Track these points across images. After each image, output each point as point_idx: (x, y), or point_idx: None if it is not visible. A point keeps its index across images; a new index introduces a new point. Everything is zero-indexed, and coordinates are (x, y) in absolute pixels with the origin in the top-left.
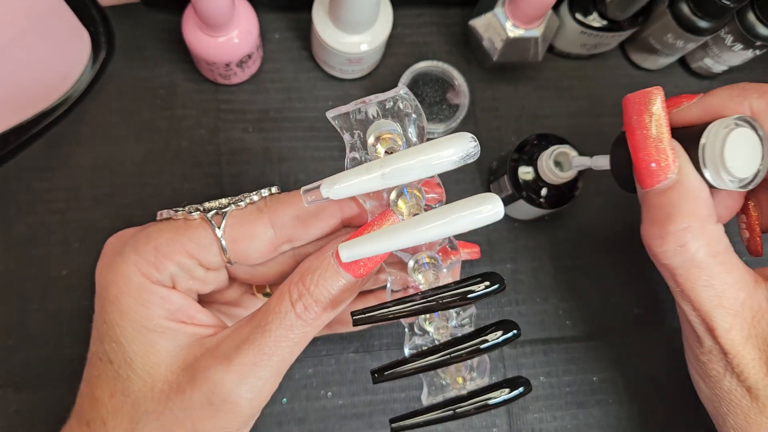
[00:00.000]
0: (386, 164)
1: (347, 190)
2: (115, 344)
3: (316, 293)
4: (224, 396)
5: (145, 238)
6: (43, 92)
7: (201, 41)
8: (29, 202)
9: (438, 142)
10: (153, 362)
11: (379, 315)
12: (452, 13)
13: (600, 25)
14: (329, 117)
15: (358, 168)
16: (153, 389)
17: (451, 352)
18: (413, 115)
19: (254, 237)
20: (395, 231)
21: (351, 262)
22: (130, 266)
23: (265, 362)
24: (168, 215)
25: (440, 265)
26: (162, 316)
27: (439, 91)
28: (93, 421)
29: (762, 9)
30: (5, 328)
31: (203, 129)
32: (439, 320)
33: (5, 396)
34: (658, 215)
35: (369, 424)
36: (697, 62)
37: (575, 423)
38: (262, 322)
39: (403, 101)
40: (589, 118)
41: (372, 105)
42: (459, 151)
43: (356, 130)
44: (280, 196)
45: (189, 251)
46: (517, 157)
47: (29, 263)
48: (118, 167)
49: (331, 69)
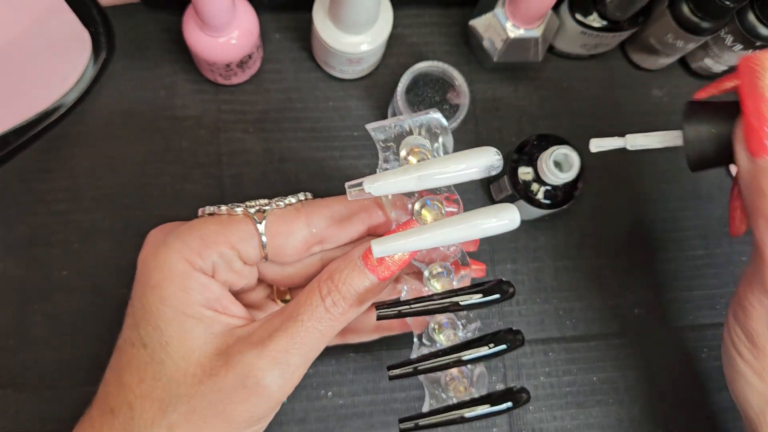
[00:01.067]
0: (422, 168)
1: (387, 188)
2: (151, 328)
3: (343, 290)
4: (257, 379)
5: (189, 229)
6: (43, 93)
7: (201, 41)
8: (30, 202)
9: (467, 153)
10: (188, 347)
11: (401, 310)
12: (452, 13)
13: (600, 25)
14: (369, 129)
15: (397, 170)
16: (186, 373)
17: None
18: (440, 135)
19: (292, 234)
20: (422, 231)
21: (375, 265)
22: (175, 254)
23: (297, 350)
24: (211, 211)
25: (452, 274)
26: (200, 303)
27: (439, 92)
28: (118, 407)
29: (762, 9)
30: (6, 329)
31: (204, 129)
32: (449, 330)
33: (5, 396)
34: None
35: (369, 424)
36: (698, 62)
37: (575, 423)
38: (294, 313)
39: (434, 121)
40: (589, 119)
41: (407, 122)
42: (486, 162)
43: (390, 143)
44: (315, 199)
45: (231, 242)
46: (517, 157)
47: (30, 264)
48: (119, 168)
49: (332, 69)
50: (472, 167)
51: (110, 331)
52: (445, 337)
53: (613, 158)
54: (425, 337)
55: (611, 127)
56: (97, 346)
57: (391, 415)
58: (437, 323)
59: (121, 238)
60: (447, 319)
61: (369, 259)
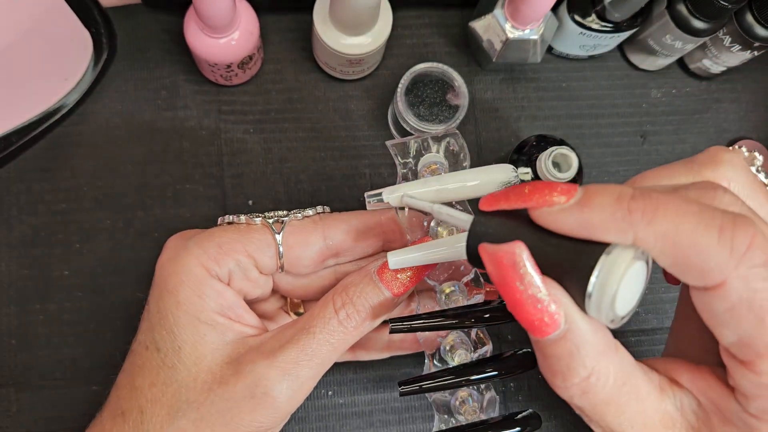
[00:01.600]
0: (440, 181)
1: (405, 199)
2: (165, 332)
3: (358, 304)
4: (266, 389)
5: (209, 236)
6: (44, 93)
7: (202, 42)
8: (31, 202)
9: (484, 169)
10: (200, 353)
11: (414, 325)
12: (452, 14)
13: (599, 26)
14: (388, 146)
15: (416, 182)
16: (196, 379)
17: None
18: (460, 153)
19: (308, 245)
20: (436, 244)
21: (390, 280)
22: (192, 259)
23: (307, 362)
24: (230, 219)
25: (465, 294)
26: (214, 310)
27: (438, 92)
28: (129, 411)
29: (760, 10)
30: (7, 329)
31: (204, 130)
32: (462, 351)
33: (6, 396)
34: (557, 366)
35: (369, 423)
36: (696, 63)
37: (575, 423)
38: (306, 325)
39: (453, 139)
40: (588, 119)
41: (426, 139)
42: (503, 178)
43: (410, 159)
44: (333, 213)
45: (249, 251)
46: (516, 157)
47: (30, 264)
48: (120, 168)
49: (332, 70)
50: (488, 182)
51: (110, 331)
52: (457, 358)
53: (611, 159)
54: (437, 359)
55: (610, 128)
56: (97, 346)
57: (391, 415)
58: (449, 344)
59: (122, 238)
60: (460, 340)
61: (384, 274)
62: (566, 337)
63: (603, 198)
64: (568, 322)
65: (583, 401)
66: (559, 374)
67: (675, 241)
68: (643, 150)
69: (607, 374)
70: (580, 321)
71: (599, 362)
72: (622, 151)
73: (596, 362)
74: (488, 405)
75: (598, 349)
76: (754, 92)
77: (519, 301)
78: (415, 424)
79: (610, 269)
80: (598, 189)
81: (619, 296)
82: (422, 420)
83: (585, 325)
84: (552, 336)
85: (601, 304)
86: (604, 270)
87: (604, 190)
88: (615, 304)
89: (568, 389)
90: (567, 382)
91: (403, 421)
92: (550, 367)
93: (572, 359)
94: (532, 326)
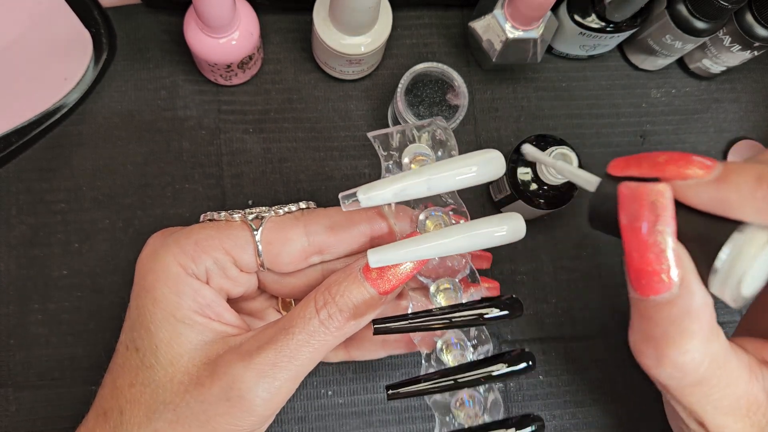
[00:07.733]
0: (413, 176)
1: (382, 197)
2: (143, 331)
3: (341, 303)
4: (241, 392)
5: (187, 233)
6: (44, 93)
7: (202, 42)
8: (30, 202)
9: (464, 157)
10: (177, 352)
11: (398, 326)
12: (452, 14)
13: (598, 26)
14: (370, 137)
15: (389, 178)
16: (173, 380)
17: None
18: (447, 142)
19: (288, 241)
20: (420, 240)
21: (376, 278)
22: (170, 257)
23: (285, 364)
24: (211, 217)
25: (460, 291)
26: (192, 308)
27: (438, 92)
28: (110, 411)
29: (760, 10)
30: (6, 328)
31: (204, 130)
32: (457, 351)
33: (6, 396)
34: (654, 331)
35: (368, 423)
36: (696, 63)
37: (574, 422)
38: (286, 325)
39: (439, 128)
40: (587, 119)
41: (410, 129)
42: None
43: (393, 151)
44: (315, 209)
45: (226, 248)
46: (516, 157)
47: (30, 263)
48: (119, 168)
49: (332, 70)
50: (472, 172)
51: (110, 331)
52: (453, 358)
53: (611, 159)
54: (434, 358)
55: (610, 128)
56: (97, 346)
57: (390, 414)
58: (445, 343)
59: (122, 238)
60: (455, 339)
61: (370, 271)
62: (675, 303)
63: (743, 177)
64: (685, 287)
65: (673, 381)
66: (653, 341)
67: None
68: (643, 150)
69: (704, 355)
70: (698, 291)
71: (702, 344)
72: (622, 150)
73: (699, 343)
74: (492, 407)
75: (703, 329)
76: (754, 92)
77: (643, 244)
78: (415, 424)
79: (742, 248)
80: (737, 167)
81: (748, 276)
82: (422, 420)
83: (701, 296)
84: (659, 297)
85: (728, 280)
86: (736, 248)
87: (744, 169)
88: (742, 283)
89: (661, 362)
90: (662, 352)
91: (403, 421)
92: (645, 331)
93: (674, 328)
94: (645, 277)
